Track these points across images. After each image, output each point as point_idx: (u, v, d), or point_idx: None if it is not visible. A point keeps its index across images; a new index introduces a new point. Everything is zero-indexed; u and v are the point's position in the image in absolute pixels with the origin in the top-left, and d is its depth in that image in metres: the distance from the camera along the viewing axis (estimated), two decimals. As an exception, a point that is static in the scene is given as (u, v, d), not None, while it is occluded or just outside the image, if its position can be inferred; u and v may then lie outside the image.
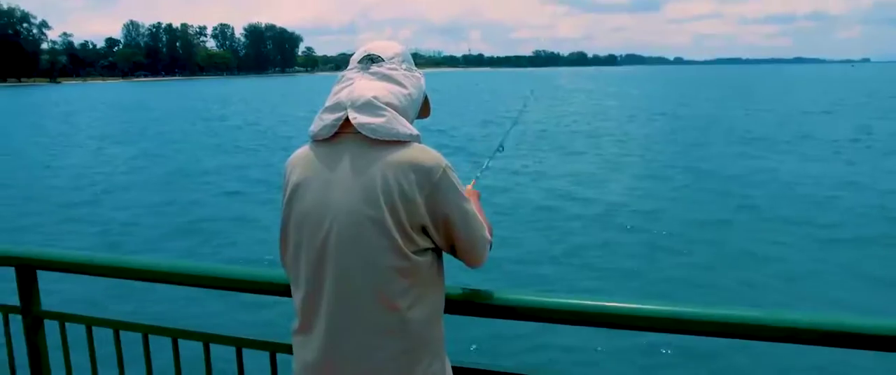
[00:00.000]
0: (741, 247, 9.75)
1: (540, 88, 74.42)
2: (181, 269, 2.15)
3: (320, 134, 1.58)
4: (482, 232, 1.62)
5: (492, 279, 7.63)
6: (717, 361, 5.82)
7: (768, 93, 57.03)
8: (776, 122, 29.01)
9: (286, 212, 1.61)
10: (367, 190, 1.49)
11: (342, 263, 1.52)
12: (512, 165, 17.27)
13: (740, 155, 19.27)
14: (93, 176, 18.16)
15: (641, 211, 12.17)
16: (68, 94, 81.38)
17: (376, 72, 1.63)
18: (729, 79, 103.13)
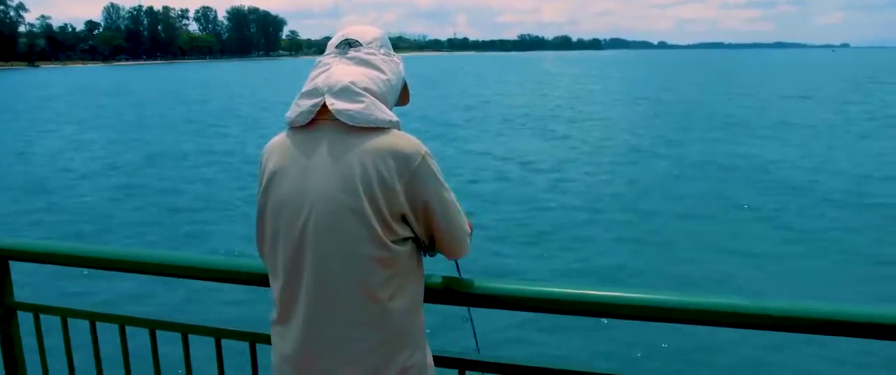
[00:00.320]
0: (718, 233, 9.77)
1: (524, 72, 74.42)
2: (158, 259, 2.10)
3: (297, 120, 1.54)
4: (462, 222, 1.60)
5: (472, 269, 7.67)
6: (700, 351, 5.83)
7: (751, 78, 57.32)
8: (758, 107, 29.22)
9: (263, 201, 1.57)
10: (346, 177, 1.46)
11: (321, 253, 1.49)
12: (492, 150, 17.20)
13: (719, 140, 19.34)
14: (67, 162, 17.88)
15: (620, 198, 12.18)
16: (46, 79, 79.99)
17: (354, 57, 1.59)
18: (712, 64, 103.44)
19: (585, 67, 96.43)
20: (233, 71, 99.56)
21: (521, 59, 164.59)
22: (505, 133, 21.42)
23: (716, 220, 10.59)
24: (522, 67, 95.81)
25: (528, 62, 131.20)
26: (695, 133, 20.95)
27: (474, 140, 20.23)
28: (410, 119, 25.84)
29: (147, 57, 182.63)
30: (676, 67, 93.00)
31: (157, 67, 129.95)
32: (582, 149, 18.28)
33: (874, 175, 13.70)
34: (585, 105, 32.05)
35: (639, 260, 8.58)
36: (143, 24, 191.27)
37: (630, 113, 28.25)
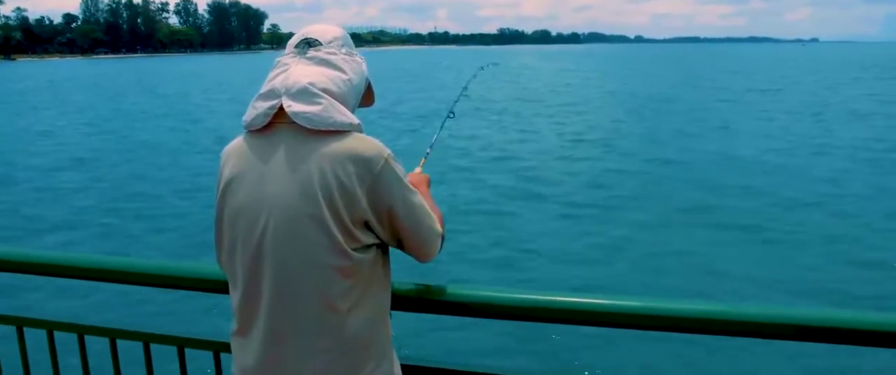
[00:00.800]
0: (684, 235, 9.35)
1: (503, 64, 74.36)
2: (119, 266, 2.00)
3: (253, 124, 1.46)
4: (431, 224, 1.52)
5: (443, 272, 7.52)
6: (678, 359, 5.68)
7: (725, 73, 57.64)
8: (730, 100, 29.39)
9: (220, 208, 1.49)
10: (304, 184, 1.38)
11: (280, 262, 1.41)
12: (465, 148, 16.96)
13: (684, 135, 19.10)
14: (25, 161, 16.92)
15: (591, 195, 11.82)
16: (21, 72, 78.12)
17: (314, 57, 1.51)
18: (687, 58, 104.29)
19: (563, 61, 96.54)
20: (213, 64, 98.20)
21: (500, 53, 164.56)
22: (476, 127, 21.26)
23: (686, 221, 10.17)
24: (502, 60, 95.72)
25: (507, 56, 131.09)
26: (668, 129, 20.84)
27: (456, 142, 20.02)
28: (384, 115, 25.67)
29: (127, 50, 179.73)
30: (652, 61, 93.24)
31: (137, 60, 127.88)
32: (551, 143, 18.13)
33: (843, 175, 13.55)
34: (561, 97, 32.03)
35: (608, 262, 8.28)
36: (122, 16, 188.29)
37: (604, 107, 28.26)
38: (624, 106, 28.07)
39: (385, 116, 24.43)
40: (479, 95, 32.91)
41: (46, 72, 78.83)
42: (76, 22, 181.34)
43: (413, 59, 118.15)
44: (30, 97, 38.83)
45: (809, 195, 11.47)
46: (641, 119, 23.13)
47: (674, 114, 24.00)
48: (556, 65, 78.84)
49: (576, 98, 31.65)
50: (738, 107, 26.55)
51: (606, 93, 35.51)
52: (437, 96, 33.91)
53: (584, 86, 39.90)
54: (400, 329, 1.66)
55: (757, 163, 14.28)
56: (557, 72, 61.01)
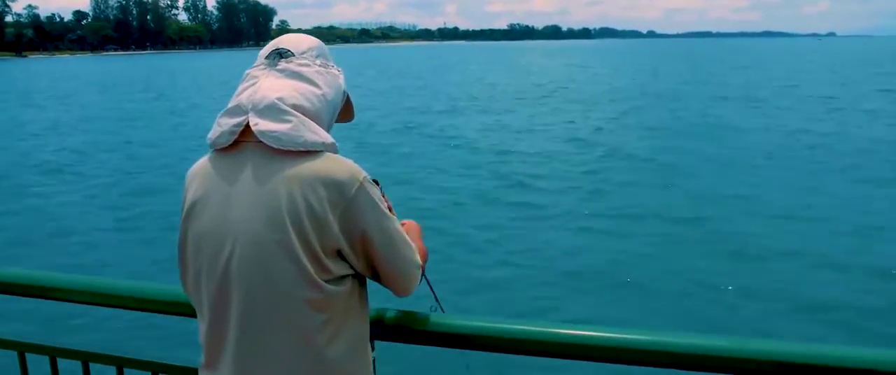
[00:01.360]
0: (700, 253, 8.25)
1: (512, 62, 73.87)
2: (92, 287, 1.90)
3: (218, 142, 1.35)
4: (408, 254, 1.40)
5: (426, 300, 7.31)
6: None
7: (736, 68, 56.87)
8: (742, 97, 28.98)
9: (183, 233, 1.38)
10: (271, 209, 1.27)
11: (246, 294, 1.30)
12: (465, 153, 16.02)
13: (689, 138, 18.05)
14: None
15: (597, 207, 10.66)
16: (31, 69, 78.25)
17: (285, 69, 1.39)
18: (698, 53, 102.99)
19: (573, 57, 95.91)
20: (222, 61, 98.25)
21: (509, 49, 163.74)
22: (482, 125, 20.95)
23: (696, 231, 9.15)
24: (513, 56, 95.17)
25: (516, 52, 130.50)
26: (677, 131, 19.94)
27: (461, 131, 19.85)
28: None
29: (136, 47, 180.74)
30: (662, 56, 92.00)
31: (146, 57, 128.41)
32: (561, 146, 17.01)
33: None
34: (569, 96, 31.72)
35: (605, 284, 7.30)
36: (132, 14, 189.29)
37: (614, 104, 27.88)
38: (630, 103, 27.63)
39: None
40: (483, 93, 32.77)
41: (55, 69, 79.17)
42: (86, 19, 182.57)
43: (422, 54, 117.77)
44: (34, 95, 38.85)
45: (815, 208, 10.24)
46: (647, 117, 22.52)
47: (679, 112, 23.43)
48: (564, 61, 78.22)
49: (581, 95, 31.21)
50: (747, 104, 25.91)
51: (614, 89, 35.08)
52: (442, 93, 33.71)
53: (591, 83, 39.31)
54: (385, 358, 1.55)
55: (763, 168, 13.45)
56: (565, 68, 60.41)
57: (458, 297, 6.70)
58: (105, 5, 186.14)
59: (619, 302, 6.81)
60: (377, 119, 22.49)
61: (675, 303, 6.71)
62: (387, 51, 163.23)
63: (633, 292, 7.06)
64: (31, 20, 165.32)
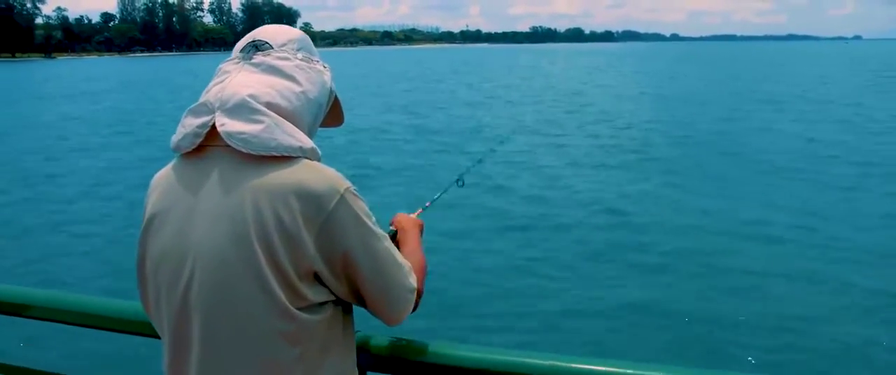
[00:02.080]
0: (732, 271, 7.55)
1: (536, 64, 73.25)
2: (62, 304, 1.75)
3: (181, 145, 1.18)
4: (400, 278, 1.21)
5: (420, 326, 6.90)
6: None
7: (760, 72, 55.75)
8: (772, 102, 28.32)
9: (140, 251, 1.21)
10: (235, 225, 1.09)
11: (208, 324, 1.12)
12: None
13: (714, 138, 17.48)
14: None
15: (618, 218, 9.82)
16: (58, 71, 79.24)
17: (260, 64, 1.21)
18: (724, 56, 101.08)
19: (595, 59, 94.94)
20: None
21: (531, 51, 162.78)
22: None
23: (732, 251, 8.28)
24: (536, 58, 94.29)
25: (539, 54, 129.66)
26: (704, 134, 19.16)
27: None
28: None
29: (162, 49, 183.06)
30: (688, 59, 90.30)
31: (172, 59, 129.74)
32: (582, 154, 15.63)
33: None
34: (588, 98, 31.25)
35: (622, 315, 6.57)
36: (158, 15, 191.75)
37: (638, 108, 27.34)
38: (653, 107, 27.07)
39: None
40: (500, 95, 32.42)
41: (81, 69, 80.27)
42: (114, 21, 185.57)
43: (446, 57, 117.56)
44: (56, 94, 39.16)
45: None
46: (669, 122, 21.65)
47: (702, 118, 22.53)
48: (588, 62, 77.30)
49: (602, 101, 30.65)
50: (772, 109, 25.05)
51: (638, 94, 34.47)
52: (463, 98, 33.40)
53: (608, 88, 38.47)
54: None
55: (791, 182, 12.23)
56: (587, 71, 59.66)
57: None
58: (132, 7, 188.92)
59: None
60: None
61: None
62: (408, 53, 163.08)
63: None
64: (61, 22, 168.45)
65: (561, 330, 6.19)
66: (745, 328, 6.15)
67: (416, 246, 1.43)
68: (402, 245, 1.46)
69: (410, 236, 1.46)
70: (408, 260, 1.33)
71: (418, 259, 1.37)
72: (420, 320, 1.41)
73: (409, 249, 1.42)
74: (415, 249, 1.42)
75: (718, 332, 6.14)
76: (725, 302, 6.77)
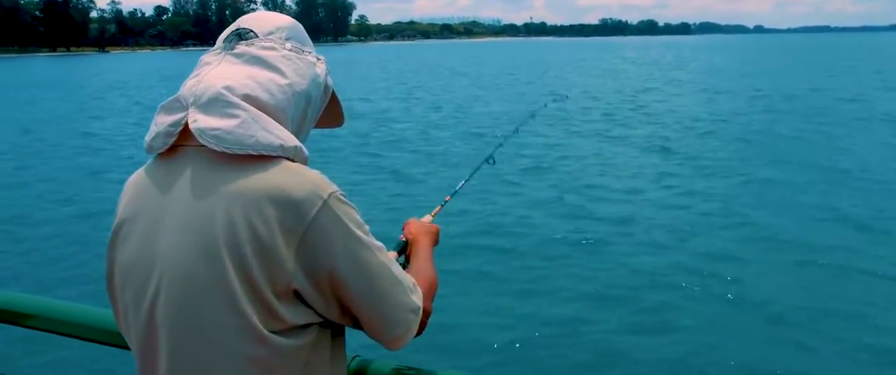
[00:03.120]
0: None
1: (602, 57, 71.75)
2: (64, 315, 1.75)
3: (154, 146, 1.12)
4: (398, 296, 1.13)
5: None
6: None
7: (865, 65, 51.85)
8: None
9: (109, 261, 1.17)
10: (204, 236, 1.03)
11: (174, 348, 1.06)
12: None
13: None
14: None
15: (680, 239, 8.62)
16: (109, 64, 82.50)
17: (243, 54, 1.15)
18: (823, 48, 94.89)
19: (665, 53, 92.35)
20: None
21: (600, 45, 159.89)
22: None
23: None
24: (602, 52, 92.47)
25: (607, 48, 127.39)
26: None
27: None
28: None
29: (214, 42, 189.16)
30: (785, 52, 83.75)
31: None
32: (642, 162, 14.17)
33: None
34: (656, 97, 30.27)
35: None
36: (211, 8, 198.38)
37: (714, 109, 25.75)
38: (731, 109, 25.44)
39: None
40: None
41: (133, 63, 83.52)
42: (167, 14, 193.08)
43: (507, 51, 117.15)
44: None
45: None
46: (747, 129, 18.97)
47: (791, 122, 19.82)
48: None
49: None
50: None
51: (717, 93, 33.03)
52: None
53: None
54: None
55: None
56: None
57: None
58: (185, 1, 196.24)
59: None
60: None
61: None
62: (466, 47, 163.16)
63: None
64: (114, 16, 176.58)
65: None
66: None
67: (426, 259, 1.36)
68: (412, 257, 1.39)
69: (421, 247, 1.40)
70: (414, 275, 1.26)
71: (427, 274, 1.30)
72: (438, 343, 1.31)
73: (418, 264, 1.35)
74: (424, 263, 1.35)
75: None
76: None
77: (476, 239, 8.64)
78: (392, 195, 11.57)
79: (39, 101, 32.61)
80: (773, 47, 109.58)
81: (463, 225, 8.98)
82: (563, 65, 58.67)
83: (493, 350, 5.79)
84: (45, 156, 16.77)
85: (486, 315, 6.44)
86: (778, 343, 5.88)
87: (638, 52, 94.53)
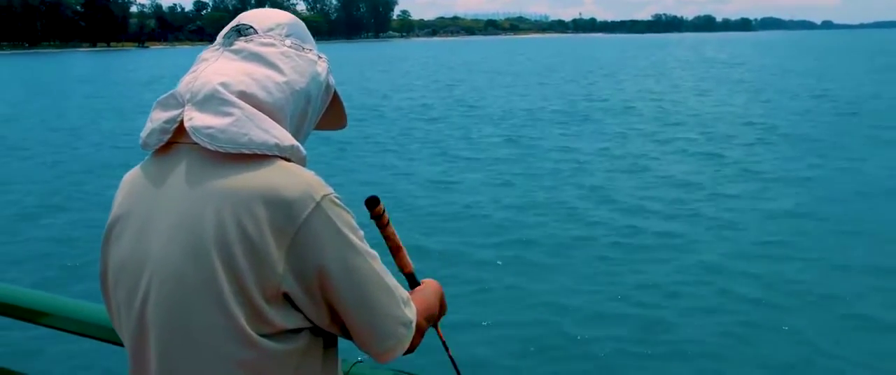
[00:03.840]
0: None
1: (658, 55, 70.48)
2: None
3: (149, 143, 1.16)
4: (389, 306, 1.14)
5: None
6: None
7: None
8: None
9: (102, 260, 1.20)
10: (194, 235, 1.05)
11: (163, 347, 1.09)
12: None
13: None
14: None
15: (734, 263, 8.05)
16: (148, 60, 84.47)
17: (241, 50, 1.18)
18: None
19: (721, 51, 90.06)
20: (335, 54, 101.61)
21: (653, 42, 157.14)
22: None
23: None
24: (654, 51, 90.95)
25: (658, 46, 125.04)
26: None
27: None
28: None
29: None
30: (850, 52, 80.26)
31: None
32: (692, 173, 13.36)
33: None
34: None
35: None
36: (250, 3, 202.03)
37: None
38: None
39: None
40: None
41: (171, 58, 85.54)
42: (206, 9, 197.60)
43: (554, 48, 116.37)
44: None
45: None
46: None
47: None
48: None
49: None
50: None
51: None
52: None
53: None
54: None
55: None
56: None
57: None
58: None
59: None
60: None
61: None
62: (510, 44, 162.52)
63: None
64: (154, 11, 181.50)
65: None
66: None
67: (433, 293, 1.35)
68: (417, 291, 1.37)
69: (429, 287, 1.37)
70: (416, 296, 1.27)
71: (427, 297, 1.31)
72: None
73: (421, 290, 1.35)
74: (428, 293, 1.34)
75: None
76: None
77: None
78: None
79: (84, 96, 33.65)
80: (846, 45, 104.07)
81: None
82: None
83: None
84: (75, 154, 17.32)
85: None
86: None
87: (689, 51, 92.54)
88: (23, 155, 17.23)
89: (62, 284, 7.60)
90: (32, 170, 15.22)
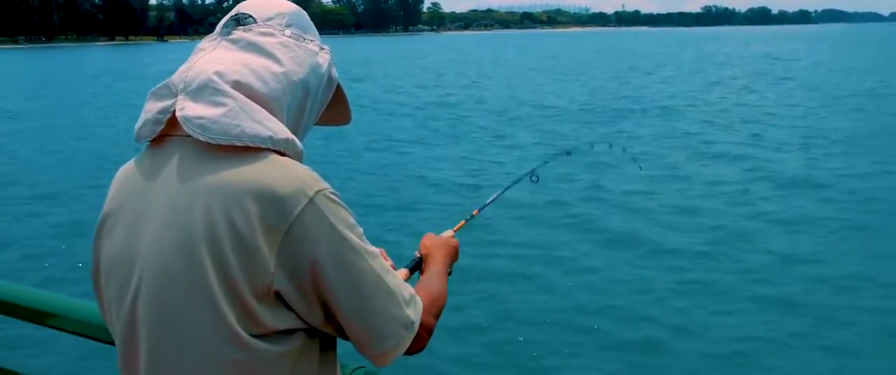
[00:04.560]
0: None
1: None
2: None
3: (142, 134, 1.18)
4: (388, 307, 1.14)
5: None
6: None
7: None
8: None
9: (94, 255, 1.23)
10: (184, 231, 1.07)
11: (153, 345, 1.12)
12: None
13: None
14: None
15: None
16: (166, 54, 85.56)
17: (239, 40, 1.20)
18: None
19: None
20: (363, 48, 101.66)
21: (701, 36, 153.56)
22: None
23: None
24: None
25: (706, 40, 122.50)
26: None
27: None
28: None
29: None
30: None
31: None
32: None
33: None
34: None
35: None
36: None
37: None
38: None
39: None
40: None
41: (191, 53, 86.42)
42: (227, 2, 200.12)
43: (592, 43, 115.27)
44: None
45: None
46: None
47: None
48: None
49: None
50: None
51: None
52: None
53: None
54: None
55: None
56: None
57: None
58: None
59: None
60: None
61: None
62: (546, 38, 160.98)
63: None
64: (174, 4, 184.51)
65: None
66: None
67: (438, 274, 1.40)
68: (423, 271, 1.44)
69: (435, 261, 1.44)
70: (420, 287, 1.29)
71: (433, 287, 1.33)
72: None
73: (426, 276, 1.39)
74: (433, 277, 1.39)
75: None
76: None
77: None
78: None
79: (93, 93, 34.36)
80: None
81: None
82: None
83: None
84: (90, 153, 17.68)
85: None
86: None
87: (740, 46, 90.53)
88: (33, 151, 17.61)
89: (68, 284, 7.73)
90: (42, 167, 15.53)
